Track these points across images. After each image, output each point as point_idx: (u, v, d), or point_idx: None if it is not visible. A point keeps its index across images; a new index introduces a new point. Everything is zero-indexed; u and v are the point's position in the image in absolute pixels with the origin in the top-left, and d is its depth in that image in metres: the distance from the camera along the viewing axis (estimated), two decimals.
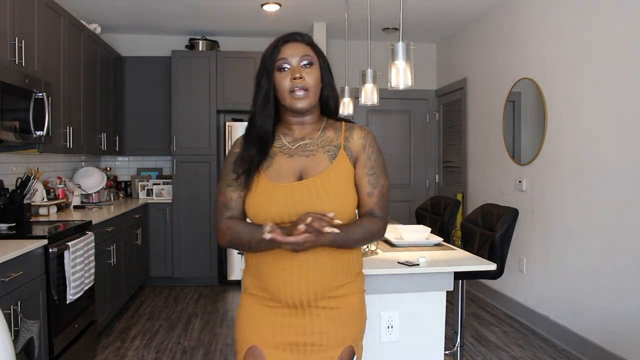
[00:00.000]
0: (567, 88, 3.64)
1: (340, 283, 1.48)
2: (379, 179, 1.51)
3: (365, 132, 1.55)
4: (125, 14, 4.88)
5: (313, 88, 1.46)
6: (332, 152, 1.50)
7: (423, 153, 6.19)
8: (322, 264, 1.44)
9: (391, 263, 2.15)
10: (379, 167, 1.52)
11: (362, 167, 1.51)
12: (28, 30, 3.12)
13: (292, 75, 1.44)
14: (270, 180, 1.47)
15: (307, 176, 1.47)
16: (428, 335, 2.17)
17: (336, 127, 1.55)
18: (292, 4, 4.63)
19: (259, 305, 1.50)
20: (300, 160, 1.49)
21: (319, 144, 1.52)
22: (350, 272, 1.51)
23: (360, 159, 1.51)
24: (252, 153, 1.49)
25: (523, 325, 4.05)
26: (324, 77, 1.53)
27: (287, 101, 1.46)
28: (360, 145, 1.52)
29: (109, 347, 3.56)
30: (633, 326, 2.99)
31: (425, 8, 4.69)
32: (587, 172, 3.42)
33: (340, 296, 1.48)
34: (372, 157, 1.52)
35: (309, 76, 1.46)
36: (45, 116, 3.13)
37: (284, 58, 1.46)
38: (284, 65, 1.46)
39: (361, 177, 1.51)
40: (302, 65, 1.47)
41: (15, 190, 3.25)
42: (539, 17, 4.00)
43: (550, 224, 3.83)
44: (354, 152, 1.51)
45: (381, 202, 1.52)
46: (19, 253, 2.31)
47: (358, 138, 1.53)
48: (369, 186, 1.50)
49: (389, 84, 2.52)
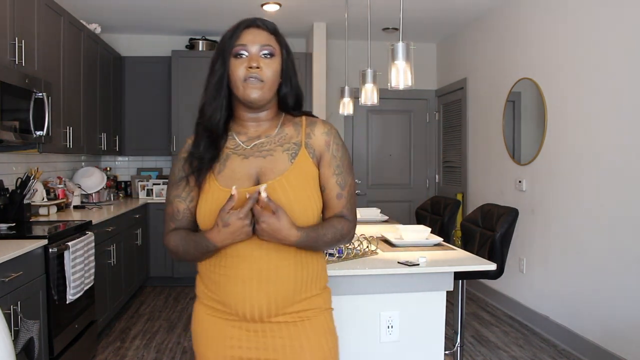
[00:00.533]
0: (567, 88, 3.64)
1: (303, 296, 1.33)
2: (346, 178, 1.38)
3: (328, 126, 1.39)
4: (125, 14, 4.88)
5: (270, 81, 1.31)
6: (292, 151, 1.34)
7: (423, 153, 6.19)
8: (284, 274, 1.30)
9: (391, 263, 2.14)
10: (346, 165, 1.38)
11: (327, 167, 1.36)
12: (28, 30, 3.12)
13: (248, 64, 1.29)
14: (224, 187, 1.31)
15: (264, 179, 1.31)
16: (428, 335, 2.17)
17: (296, 123, 1.40)
18: (292, 4, 4.63)
19: (212, 317, 1.36)
20: (257, 162, 1.33)
21: (276, 142, 1.36)
22: (316, 285, 1.37)
23: (325, 157, 1.36)
24: (201, 149, 1.34)
25: (523, 325, 4.05)
26: (285, 72, 1.37)
27: (239, 90, 1.30)
28: (324, 141, 1.37)
29: (109, 347, 3.56)
30: (633, 326, 2.99)
31: (425, 8, 4.69)
32: (587, 172, 3.42)
33: (304, 310, 1.33)
34: (338, 154, 1.37)
35: (267, 68, 1.31)
36: (45, 116, 3.13)
37: (242, 44, 1.31)
38: (241, 52, 1.31)
39: (327, 177, 1.36)
40: (261, 54, 1.31)
41: (15, 190, 3.25)
42: (539, 17, 4.00)
43: (550, 224, 3.83)
44: (317, 150, 1.36)
45: (350, 203, 1.39)
46: (19, 253, 2.31)
47: (321, 134, 1.37)
48: (337, 187, 1.36)
49: (389, 84, 2.52)
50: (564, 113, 3.67)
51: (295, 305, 1.32)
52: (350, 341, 2.11)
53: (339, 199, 1.37)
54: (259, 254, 1.29)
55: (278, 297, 1.29)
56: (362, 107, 5.54)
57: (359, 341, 2.12)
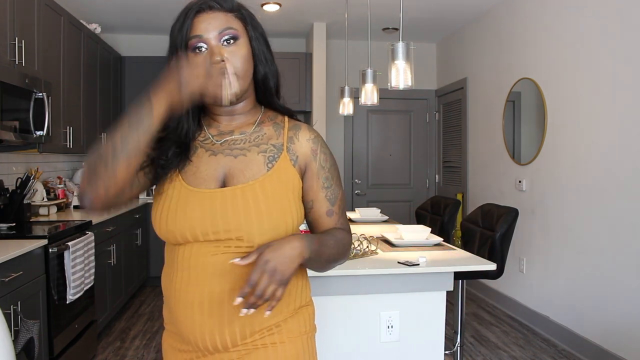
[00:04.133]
0: (567, 88, 3.64)
1: (270, 322, 1.10)
2: (336, 192, 1.20)
3: (314, 133, 1.20)
4: (126, 14, 4.88)
5: (241, 71, 1.09)
6: (271, 154, 1.14)
7: (423, 153, 6.19)
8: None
9: (391, 263, 2.14)
10: (335, 177, 1.21)
11: (314, 179, 1.17)
12: (28, 30, 3.12)
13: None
14: (188, 184, 1.11)
15: (232, 182, 1.10)
16: (428, 335, 2.17)
17: (277, 123, 1.19)
18: (292, 4, 4.63)
19: (173, 349, 1.16)
20: (226, 161, 1.13)
21: (252, 141, 1.15)
22: (286, 306, 1.13)
23: (311, 167, 1.17)
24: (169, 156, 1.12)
25: (523, 325, 4.05)
26: (257, 51, 1.13)
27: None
28: (310, 149, 1.17)
29: (109, 347, 3.55)
30: (633, 326, 2.99)
31: (425, 8, 4.69)
32: (587, 172, 3.42)
33: (271, 335, 1.11)
34: (326, 165, 1.19)
35: (234, 56, 1.08)
36: (45, 116, 3.13)
37: (197, 35, 1.07)
38: (198, 45, 1.08)
39: (315, 191, 1.17)
40: (222, 42, 1.08)
41: (15, 190, 3.25)
42: (539, 17, 4.00)
43: (550, 224, 3.83)
44: (301, 158, 1.16)
45: (343, 218, 1.22)
46: (19, 253, 2.31)
47: (306, 140, 1.17)
48: (326, 203, 1.18)
49: (389, 84, 2.52)
50: (564, 113, 3.67)
51: (258, 333, 1.10)
52: (350, 341, 2.11)
53: (330, 216, 1.19)
54: (211, 273, 1.06)
55: (235, 322, 1.07)
56: (362, 107, 5.54)
57: (359, 341, 2.12)
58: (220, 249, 1.06)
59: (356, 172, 6.07)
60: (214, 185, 1.11)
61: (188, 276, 1.08)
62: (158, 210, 1.11)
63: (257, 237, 1.06)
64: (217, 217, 1.06)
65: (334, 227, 1.21)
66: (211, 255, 1.06)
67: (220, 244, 1.06)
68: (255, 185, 1.09)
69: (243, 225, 1.05)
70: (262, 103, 1.21)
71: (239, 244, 1.06)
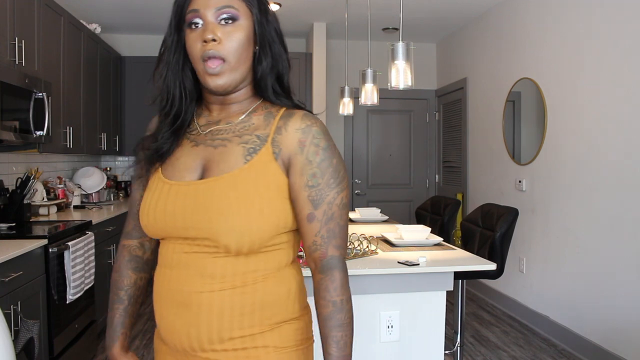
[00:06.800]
0: (567, 88, 3.64)
1: (242, 333, 0.99)
2: (323, 193, 0.99)
3: (308, 121, 1.01)
4: (126, 14, 4.88)
5: (234, 57, 0.98)
6: (252, 146, 1.01)
7: (423, 153, 6.19)
8: (215, 299, 0.97)
9: (391, 263, 2.14)
10: (327, 175, 1.00)
11: (298, 175, 0.99)
12: (28, 30, 3.12)
13: (202, 36, 0.98)
14: (165, 177, 1.04)
15: (209, 175, 1.00)
16: (428, 335, 2.17)
17: (270, 112, 1.05)
18: (292, 4, 4.63)
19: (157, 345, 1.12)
20: (205, 152, 1.03)
21: (235, 131, 1.03)
22: (260, 319, 1.00)
23: (295, 162, 1.00)
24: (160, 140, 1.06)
25: (523, 325, 4.05)
26: (261, 37, 1.03)
27: (201, 75, 1.00)
28: (297, 140, 1.00)
29: None
30: (633, 326, 2.99)
31: (425, 8, 4.69)
32: (587, 172, 3.42)
33: (244, 348, 1.00)
34: (315, 159, 0.99)
35: (228, 38, 0.97)
36: (45, 116, 3.13)
37: (194, 10, 0.98)
38: (194, 20, 0.99)
39: (298, 190, 1.00)
40: (219, 20, 0.98)
41: (15, 190, 3.24)
42: (538, 17, 4.00)
43: (550, 224, 3.83)
44: (286, 151, 1.00)
45: (329, 230, 1.00)
46: (19, 253, 2.31)
47: (294, 130, 1.00)
48: (307, 205, 0.99)
49: (389, 84, 2.52)
50: (564, 113, 3.67)
51: (226, 343, 0.99)
52: None
53: (310, 222, 1.00)
54: (177, 272, 1.01)
55: (204, 326, 0.98)
56: (362, 107, 5.55)
57: (359, 341, 2.12)
58: (192, 247, 0.99)
59: (356, 172, 6.07)
60: (191, 177, 1.02)
61: (164, 273, 1.03)
62: (141, 204, 1.06)
63: (223, 237, 0.95)
64: (187, 213, 0.98)
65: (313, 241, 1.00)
66: (184, 253, 1.00)
67: (192, 242, 0.99)
68: (230, 179, 0.98)
69: (208, 224, 0.96)
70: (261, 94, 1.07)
71: (207, 242, 0.97)
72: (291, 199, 1.01)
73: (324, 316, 1.01)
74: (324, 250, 1.01)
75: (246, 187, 0.97)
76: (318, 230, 1.00)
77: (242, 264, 0.98)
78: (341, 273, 1.02)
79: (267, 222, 0.97)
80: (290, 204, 1.01)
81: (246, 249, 0.96)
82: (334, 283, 1.01)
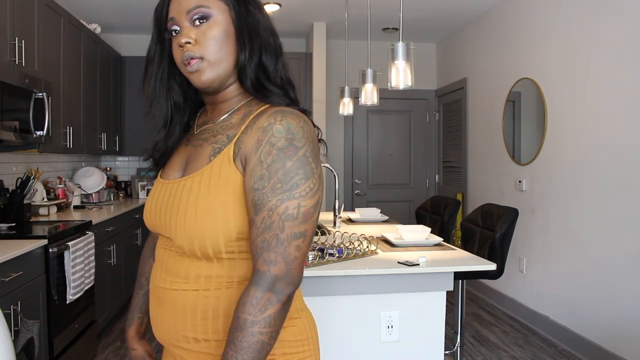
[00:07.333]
0: (567, 88, 3.64)
1: (206, 337, 0.97)
2: (265, 198, 0.89)
3: (272, 119, 0.93)
4: (126, 14, 4.88)
5: (211, 53, 0.97)
6: (219, 146, 0.98)
7: (423, 153, 6.19)
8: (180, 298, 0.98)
9: (391, 263, 2.14)
10: (274, 179, 0.89)
11: (248, 177, 0.92)
12: (28, 30, 3.12)
13: (178, 42, 0.98)
14: (161, 175, 1.10)
15: (186, 174, 1.02)
16: (428, 335, 2.17)
17: (251, 110, 1.01)
18: (292, 4, 4.63)
19: None
20: (189, 151, 1.06)
21: (213, 130, 1.03)
22: (213, 326, 0.96)
23: (249, 162, 0.93)
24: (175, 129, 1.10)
25: (523, 325, 4.05)
26: (239, 27, 0.99)
27: (187, 77, 1.01)
28: (255, 139, 0.93)
29: (109, 347, 3.55)
30: (633, 326, 2.99)
31: (425, 8, 4.69)
32: (587, 172, 3.42)
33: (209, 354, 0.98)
34: (267, 160, 0.90)
35: (203, 37, 0.97)
36: (45, 116, 3.13)
37: (171, 18, 0.99)
38: (173, 28, 1.00)
39: (246, 192, 0.93)
40: (193, 22, 0.98)
41: (15, 190, 3.25)
42: (539, 17, 4.00)
43: (550, 224, 3.83)
44: (244, 151, 0.94)
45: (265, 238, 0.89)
46: (19, 253, 2.31)
47: (257, 128, 0.93)
48: (251, 209, 0.92)
49: (389, 84, 2.52)
50: (564, 113, 3.67)
51: (192, 344, 0.98)
52: (350, 341, 2.11)
53: (250, 228, 0.92)
54: (158, 267, 1.05)
55: (171, 324, 1.00)
56: (362, 107, 5.54)
57: (359, 341, 2.12)
58: (168, 244, 1.03)
59: (356, 172, 6.07)
60: (175, 175, 1.05)
61: (154, 267, 1.08)
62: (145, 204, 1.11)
63: (179, 238, 0.95)
64: (160, 211, 1.01)
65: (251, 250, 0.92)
66: (162, 249, 1.05)
67: (167, 240, 1.03)
68: (192, 179, 0.97)
69: (168, 223, 0.98)
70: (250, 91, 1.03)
71: (171, 241, 1.01)
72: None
73: (229, 329, 0.91)
74: (254, 261, 0.91)
75: (202, 188, 0.95)
76: (254, 238, 0.91)
77: (205, 268, 0.96)
78: (259, 291, 0.88)
79: (219, 226, 0.93)
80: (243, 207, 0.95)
81: (199, 252, 0.94)
82: (245, 298, 0.88)
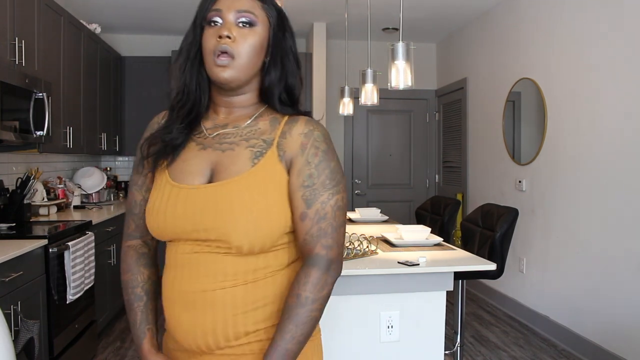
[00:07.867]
0: (567, 88, 3.64)
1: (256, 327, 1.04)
2: (317, 193, 1.03)
3: (311, 126, 1.07)
4: (126, 14, 4.88)
5: (244, 57, 1.03)
6: (259, 149, 1.05)
7: (423, 153, 6.19)
8: (228, 296, 1.02)
9: (391, 263, 2.14)
10: (323, 177, 1.04)
11: (296, 176, 1.04)
12: (28, 30, 3.12)
13: (218, 32, 1.03)
14: (173, 180, 1.07)
15: (218, 178, 1.04)
16: (428, 335, 2.17)
17: (275, 118, 1.10)
18: (292, 4, 4.62)
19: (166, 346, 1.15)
20: (213, 155, 1.07)
21: (243, 135, 1.08)
22: (275, 312, 1.05)
23: (296, 163, 1.04)
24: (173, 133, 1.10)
25: (523, 325, 4.05)
26: (273, 49, 1.09)
27: (209, 66, 1.05)
28: (299, 144, 1.05)
29: (109, 347, 3.55)
30: (633, 326, 2.99)
31: (425, 8, 4.69)
32: (587, 172, 3.42)
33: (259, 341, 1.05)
34: (314, 160, 1.04)
35: (243, 40, 1.03)
36: (45, 116, 3.13)
37: (217, 9, 1.04)
38: (214, 18, 1.05)
39: (294, 191, 1.04)
40: (237, 22, 1.04)
41: (15, 190, 3.24)
42: (539, 17, 4.00)
43: (550, 224, 3.83)
44: (289, 153, 1.05)
45: (321, 227, 1.03)
46: (19, 253, 2.31)
47: (298, 134, 1.05)
48: (302, 204, 1.03)
49: (389, 84, 2.52)
50: (564, 113, 3.67)
51: (242, 338, 1.03)
52: (350, 341, 2.11)
53: (303, 220, 1.03)
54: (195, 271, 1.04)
55: (216, 326, 1.02)
56: (362, 107, 5.54)
57: (359, 341, 2.12)
58: (202, 248, 1.03)
59: (356, 172, 6.07)
60: (199, 180, 1.06)
61: (174, 274, 1.06)
62: (148, 207, 1.09)
63: (235, 239, 0.99)
64: (197, 216, 1.02)
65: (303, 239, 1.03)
66: (194, 253, 1.04)
67: (202, 243, 1.03)
68: (239, 182, 1.02)
69: (220, 225, 1.00)
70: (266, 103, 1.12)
71: (218, 243, 1.01)
72: (289, 199, 1.05)
73: (286, 307, 1.02)
74: (311, 247, 1.03)
75: (255, 189, 1.02)
76: (309, 228, 1.03)
77: (252, 262, 1.03)
78: (319, 272, 1.02)
79: (275, 223, 1.02)
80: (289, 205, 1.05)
81: (257, 249, 1.01)
82: (306, 278, 1.01)
